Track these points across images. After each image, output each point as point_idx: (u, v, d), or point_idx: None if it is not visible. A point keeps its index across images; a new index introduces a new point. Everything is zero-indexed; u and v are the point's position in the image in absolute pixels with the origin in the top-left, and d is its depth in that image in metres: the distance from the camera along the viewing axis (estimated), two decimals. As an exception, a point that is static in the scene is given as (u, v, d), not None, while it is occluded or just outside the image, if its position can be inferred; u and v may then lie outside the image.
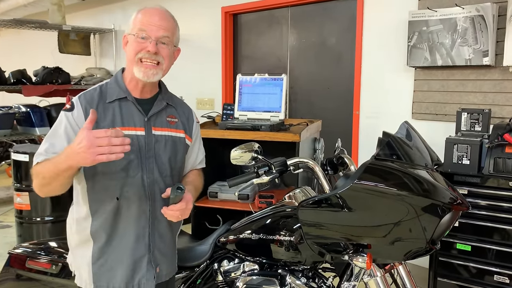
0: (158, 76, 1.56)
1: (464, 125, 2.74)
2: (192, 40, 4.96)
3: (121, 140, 1.30)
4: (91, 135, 1.28)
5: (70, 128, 1.52)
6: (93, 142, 1.27)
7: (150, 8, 1.56)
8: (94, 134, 1.28)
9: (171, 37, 1.57)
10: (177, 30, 1.62)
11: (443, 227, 1.48)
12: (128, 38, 1.57)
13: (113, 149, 1.29)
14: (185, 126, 1.71)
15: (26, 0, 6.13)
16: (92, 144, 1.27)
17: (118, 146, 1.29)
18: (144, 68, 1.53)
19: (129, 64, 1.57)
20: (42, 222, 3.63)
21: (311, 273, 1.79)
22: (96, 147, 1.27)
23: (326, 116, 3.87)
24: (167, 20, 1.56)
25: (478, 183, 2.53)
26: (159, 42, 1.53)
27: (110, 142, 1.28)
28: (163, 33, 1.53)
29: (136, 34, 1.53)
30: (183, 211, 1.49)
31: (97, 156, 1.28)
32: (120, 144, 1.29)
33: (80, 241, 1.62)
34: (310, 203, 1.55)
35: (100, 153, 1.28)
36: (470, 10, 2.99)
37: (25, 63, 5.73)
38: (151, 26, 1.52)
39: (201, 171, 1.85)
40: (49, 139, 1.54)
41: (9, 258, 2.12)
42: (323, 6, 4.10)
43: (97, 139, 1.28)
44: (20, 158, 3.56)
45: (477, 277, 2.56)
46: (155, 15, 1.54)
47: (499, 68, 3.00)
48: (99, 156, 1.28)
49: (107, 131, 1.28)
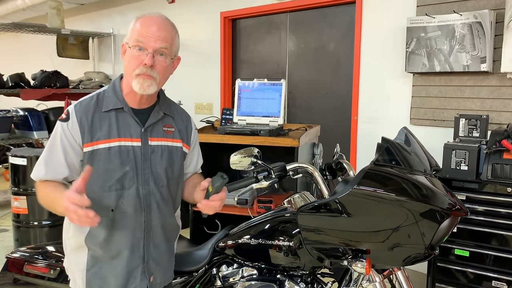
0: (153, 88, 1.52)
1: (462, 131, 2.75)
2: (191, 45, 4.97)
3: (85, 213, 1.28)
4: (68, 196, 1.29)
5: (65, 139, 1.52)
6: (68, 206, 1.29)
7: (148, 16, 1.52)
8: (68, 196, 1.29)
9: (169, 47, 1.53)
10: (176, 38, 1.58)
11: (442, 232, 1.48)
12: (126, 48, 1.54)
13: (82, 219, 1.29)
14: (182, 134, 1.69)
15: (25, 4, 6.14)
16: (67, 208, 1.29)
17: (87, 217, 1.29)
18: (141, 80, 1.50)
19: (127, 76, 1.55)
20: (40, 226, 3.62)
21: (310, 278, 1.79)
22: (68, 211, 1.30)
23: (325, 121, 3.88)
24: (165, 30, 1.52)
25: (476, 189, 2.54)
26: (156, 54, 1.50)
27: (76, 212, 1.28)
28: (161, 45, 1.50)
29: (133, 46, 1.50)
30: (222, 202, 1.49)
31: (69, 216, 1.31)
32: (84, 216, 1.28)
33: (76, 247, 1.61)
34: (309, 208, 1.55)
35: (71, 215, 1.30)
36: (468, 17, 3.01)
37: (23, 67, 5.72)
38: (149, 37, 1.48)
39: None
40: (48, 150, 1.55)
41: (6, 263, 2.11)
42: (321, 12, 4.12)
43: (70, 204, 1.29)
44: (17, 162, 3.55)
45: (475, 282, 2.56)
46: (153, 25, 1.50)
47: (497, 74, 3.02)
48: (71, 219, 1.31)
49: (75, 199, 1.28)
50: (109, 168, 1.52)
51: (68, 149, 1.52)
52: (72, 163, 1.53)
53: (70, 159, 1.53)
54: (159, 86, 1.56)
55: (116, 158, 1.53)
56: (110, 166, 1.53)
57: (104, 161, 1.52)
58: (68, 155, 1.52)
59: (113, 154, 1.53)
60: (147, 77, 1.50)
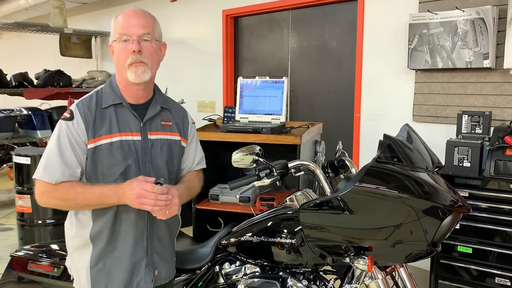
0: (147, 74, 1.58)
1: (465, 127, 2.74)
2: (193, 44, 4.97)
3: (165, 197, 1.48)
4: (141, 187, 1.46)
5: (72, 137, 1.55)
6: (141, 193, 1.46)
7: (125, 11, 1.60)
8: (143, 186, 1.46)
9: (152, 32, 1.59)
10: (156, 25, 1.64)
11: (444, 229, 1.48)
12: (113, 47, 1.60)
13: (158, 203, 1.48)
14: (180, 128, 1.73)
15: (28, 3, 6.15)
16: (140, 195, 1.46)
17: (162, 200, 1.48)
18: (134, 69, 1.55)
19: (121, 71, 1.59)
20: (44, 224, 3.63)
21: (312, 275, 1.79)
22: (143, 198, 1.46)
23: (327, 119, 3.88)
24: (144, 17, 1.59)
25: (479, 185, 2.54)
26: (141, 40, 1.56)
27: (156, 198, 1.47)
28: (143, 31, 1.56)
29: (118, 39, 1.56)
30: (169, 207, 1.52)
31: (143, 205, 1.48)
32: (165, 200, 1.48)
33: (80, 246, 1.63)
34: (311, 206, 1.55)
35: (145, 204, 1.47)
36: (471, 13, 3.00)
37: (26, 66, 5.74)
38: (130, 28, 1.55)
39: (201, 172, 1.85)
40: (57, 150, 1.55)
41: (11, 261, 2.12)
42: (323, 9, 4.11)
43: (145, 192, 1.46)
44: (21, 161, 3.56)
45: (478, 279, 2.56)
46: (131, 16, 1.57)
47: (500, 70, 3.01)
48: (144, 205, 1.48)
49: (154, 187, 1.47)
50: (113, 162, 1.56)
51: (76, 147, 1.55)
52: (81, 161, 1.57)
53: (79, 157, 1.56)
54: (152, 71, 1.61)
55: (118, 152, 1.57)
56: (113, 160, 1.56)
57: (107, 156, 1.56)
58: (77, 153, 1.55)
59: (115, 149, 1.57)
60: (138, 63, 1.56)
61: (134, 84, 1.59)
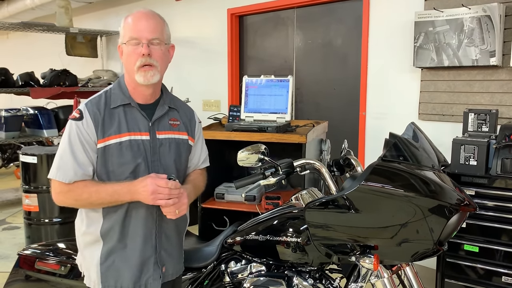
0: (156, 76, 1.60)
1: (471, 125, 2.72)
2: (198, 42, 4.98)
3: (178, 191, 1.54)
4: (155, 183, 1.51)
5: (82, 137, 1.57)
6: (156, 189, 1.51)
7: (135, 13, 1.61)
8: (156, 182, 1.51)
9: (161, 36, 1.61)
10: (165, 27, 1.65)
11: (451, 228, 1.47)
12: (122, 48, 1.62)
13: (172, 196, 1.53)
14: (187, 127, 1.75)
15: (34, 3, 6.18)
16: (155, 190, 1.51)
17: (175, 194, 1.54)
18: (143, 72, 1.58)
19: (130, 73, 1.61)
20: (51, 223, 3.66)
21: (318, 274, 1.79)
22: (157, 193, 1.51)
23: (332, 117, 3.87)
24: (154, 20, 1.60)
25: (485, 184, 2.52)
26: (150, 44, 1.57)
27: (170, 193, 1.52)
28: (153, 35, 1.58)
29: (128, 41, 1.58)
30: (178, 206, 1.54)
31: (157, 200, 1.52)
32: (177, 194, 1.54)
33: (90, 242, 1.66)
34: (317, 205, 1.55)
35: (160, 199, 1.52)
36: (477, 10, 2.98)
37: (33, 66, 5.78)
38: (140, 32, 1.57)
39: (205, 171, 1.88)
40: (69, 150, 1.57)
41: (18, 259, 2.14)
42: (328, 7, 4.10)
43: (159, 187, 1.51)
44: (28, 160, 3.58)
45: (485, 278, 2.55)
46: (141, 19, 1.59)
47: (506, 68, 2.99)
48: (159, 200, 1.52)
49: (167, 183, 1.52)
50: (122, 161, 1.59)
51: (86, 146, 1.57)
52: (92, 160, 1.59)
53: (90, 156, 1.58)
54: (161, 73, 1.63)
55: (127, 152, 1.59)
56: (123, 160, 1.59)
57: (116, 156, 1.58)
58: (88, 153, 1.58)
59: (125, 148, 1.59)
60: (148, 67, 1.58)
61: (143, 86, 1.61)
